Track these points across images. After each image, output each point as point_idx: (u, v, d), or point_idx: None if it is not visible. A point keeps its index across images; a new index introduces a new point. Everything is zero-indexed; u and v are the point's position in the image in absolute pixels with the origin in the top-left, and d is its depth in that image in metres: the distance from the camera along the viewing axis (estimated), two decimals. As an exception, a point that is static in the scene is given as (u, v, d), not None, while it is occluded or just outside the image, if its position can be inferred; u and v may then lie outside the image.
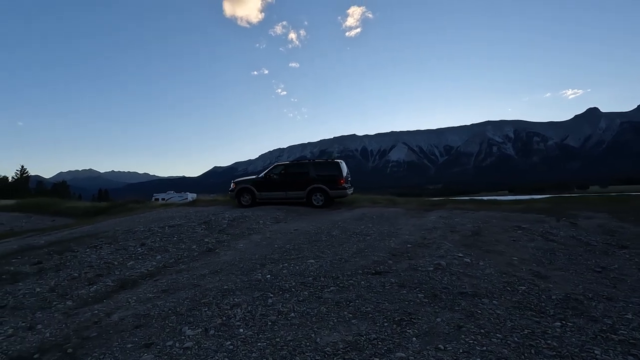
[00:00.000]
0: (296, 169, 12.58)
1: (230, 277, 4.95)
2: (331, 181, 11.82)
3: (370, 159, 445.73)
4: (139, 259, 6.39)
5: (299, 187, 12.00)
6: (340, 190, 11.87)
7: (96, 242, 7.80)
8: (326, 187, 11.74)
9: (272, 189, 12.26)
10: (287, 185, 12.17)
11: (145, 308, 4.07)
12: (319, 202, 11.81)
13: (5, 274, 5.90)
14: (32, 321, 4.03)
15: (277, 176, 12.44)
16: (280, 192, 12.18)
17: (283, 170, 12.59)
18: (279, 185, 12.23)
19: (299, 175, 12.21)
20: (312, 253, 5.91)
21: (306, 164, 12.55)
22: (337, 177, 11.87)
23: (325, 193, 11.76)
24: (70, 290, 4.98)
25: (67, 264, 6.24)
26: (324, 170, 12.11)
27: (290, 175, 12.36)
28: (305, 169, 12.27)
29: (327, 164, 12.42)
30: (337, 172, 11.97)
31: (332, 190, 11.80)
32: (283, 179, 12.30)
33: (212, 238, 7.60)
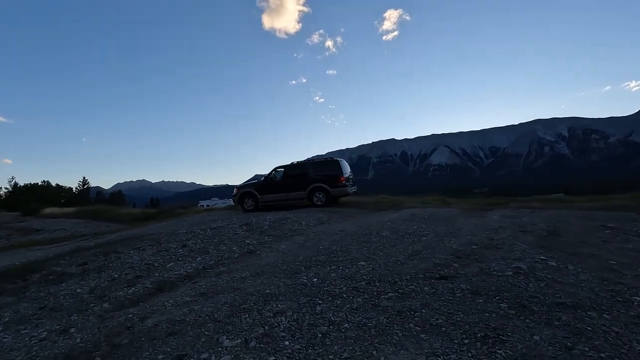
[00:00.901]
0: (296, 170, 12.45)
1: (273, 281, 4.44)
2: (331, 180, 11.75)
3: (410, 163, 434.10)
4: (179, 260, 6.12)
5: (299, 188, 11.98)
6: (340, 188, 11.73)
7: (140, 244, 7.74)
8: (326, 186, 11.69)
9: (274, 192, 12.26)
10: (288, 186, 12.15)
11: (181, 313, 3.66)
12: (320, 202, 11.73)
13: (53, 274, 5.89)
14: (66, 324, 3.78)
15: (277, 179, 12.45)
16: (282, 193, 12.17)
17: (283, 173, 12.54)
18: (280, 187, 12.23)
19: (299, 176, 12.17)
20: (362, 255, 5.26)
21: (306, 164, 12.49)
22: (337, 176, 11.78)
23: (325, 192, 11.70)
24: (108, 291, 4.76)
25: (110, 265, 6.12)
26: (323, 170, 12.04)
27: (290, 177, 12.34)
28: (305, 170, 12.22)
29: (327, 163, 12.33)
30: (336, 171, 11.87)
31: (332, 189, 11.70)
32: (284, 181, 12.31)
33: (253, 239, 7.21)
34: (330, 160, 12.39)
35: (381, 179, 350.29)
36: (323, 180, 11.80)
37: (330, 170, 11.96)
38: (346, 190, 11.89)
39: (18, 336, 3.58)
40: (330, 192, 11.72)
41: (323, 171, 12.01)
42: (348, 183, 12.10)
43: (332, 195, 11.82)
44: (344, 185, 11.76)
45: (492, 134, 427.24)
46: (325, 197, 11.73)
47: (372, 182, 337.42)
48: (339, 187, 11.74)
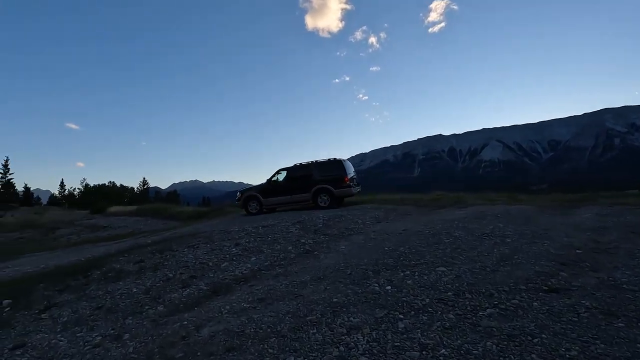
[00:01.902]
0: (300, 172, 12.25)
1: (339, 287, 3.88)
2: (335, 180, 11.54)
3: (460, 159, 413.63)
4: (233, 260, 5.80)
5: (303, 190, 11.81)
6: (345, 189, 11.52)
7: (194, 241, 7.60)
8: (331, 187, 11.48)
9: (278, 194, 12.15)
10: (292, 189, 12.01)
11: (240, 322, 3.22)
12: (325, 203, 11.51)
13: (112, 271, 5.85)
14: (120, 329, 3.52)
15: (281, 181, 12.31)
16: (286, 196, 12.05)
17: (287, 175, 12.38)
18: (284, 189, 12.10)
19: (303, 178, 11.99)
20: (439, 259, 4.51)
21: (309, 165, 12.22)
22: (342, 176, 11.55)
23: (330, 193, 11.51)
24: (163, 293, 4.50)
25: (165, 263, 5.96)
26: (327, 170, 11.82)
27: (294, 179, 12.15)
28: (309, 171, 12.03)
29: (330, 163, 12.02)
30: (340, 171, 11.64)
31: (336, 190, 11.49)
32: (287, 183, 12.15)
33: (309, 239, 6.73)
34: (333, 161, 12.06)
35: (428, 176, 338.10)
36: (327, 181, 11.60)
37: (334, 171, 11.73)
38: (351, 190, 11.68)
39: (73, 340, 3.37)
40: (334, 193, 11.51)
41: (327, 172, 11.79)
42: (352, 183, 11.90)
43: (336, 196, 11.62)
44: (348, 186, 11.54)
45: (551, 126, 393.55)
46: (330, 199, 11.53)
47: (418, 179, 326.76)
48: (343, 187, 11.51)
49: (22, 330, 3.81)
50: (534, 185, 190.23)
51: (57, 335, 3.54)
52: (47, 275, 6.45)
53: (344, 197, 12.27)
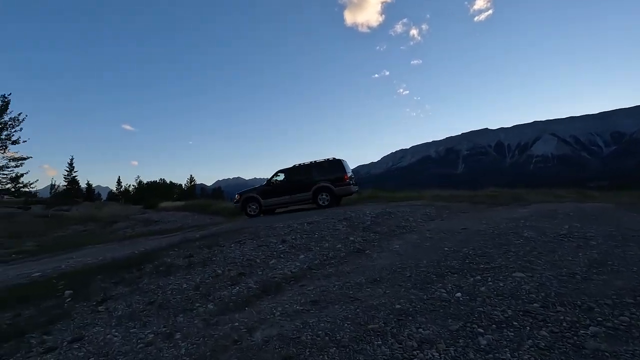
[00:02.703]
0: (299, 172, 12.40)
1: (399, 291, 3.50)
2: (335, 179, 11.68)
3: (508, 154, 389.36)
4: (280, 257, 5.60)
5: (303, 189, 11.90)
6: (345, 187, 11.65)
7: (240, 237, 7.56)
8: (331, 186, 11.59)
9: (277, 195, 12.23)
10: (291, 189, 12.09)
11: (294, 327, 2.96)
12: (325, 202, 11.61)
13: (163, 265, 5.91)
14: (172, 326, 3.41)
15: (280, 182, 12.40)
16: (285, 196, 12.13)
17: (286, 176, 12.51)
18: (284, 190, 12.17)
19: (303, 178, 12.10)
20: (513, 262, 3.97)
21: (309, 165, 12.40)
22: (341, 175, 11.70)
23: (330, 191, 11.61)
24: (213, 290, 4.39)
25: (214, 258, 5.91)
26: (327, 170, 11.98)
27: (293, 180, 12.25)
28: (308, 171, 12.19)
29: (330, 163, 12.20)
30: (340, 171, 11.80)
31: (337, 188, 11.61)
32: (287, 184, 12.24)
33: (358, 236, 6.38)
34: (333, 160, 12.24)
35: (473, 172, 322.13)
36: (327, 180, 11.74)
37: (333, 170, 11.91)
38: (350, 189, 11.84)
39: (127, 336, 3.32)
40: (335, 191, 11.64)
41: (326, 171, 11.97)
42: (352, 182, 12.04)
43: (336, 194, 11.75)
44: (348, 184, 11.69)
45: (614, 118, 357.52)
46: (330, 197, 11.64)
47: (463, 176, 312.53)
48: (343, 186, 11.65)
49: (80, 322, 3.85)
50: (593, 182, 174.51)
51: (112, 330, 3.51)
52: (105, 267, 6.69)
53: (343, 196, 12.42)
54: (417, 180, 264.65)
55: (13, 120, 22.02)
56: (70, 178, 37.51)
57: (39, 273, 6.87)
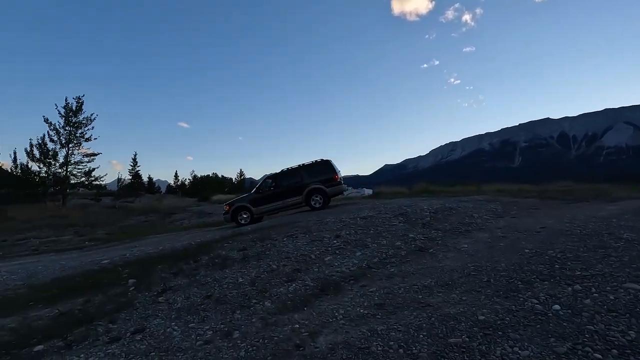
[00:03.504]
0: (289, 176, 12.33)
1: (479, 298, 3.05)
2: (326, 180, 11.68)
3: (573, 146, 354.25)
4: (336, 253, 5.34)
5: (295, 193, 11.80)
6: (336, 186, 11.74)
7: (292, 231, 7.43)
8: (323, 187, 11.56)
9: (268, 201, 12.03)
10: (282, 194, 11.97)
11: (361, 334, 2.65)
12: (318, 204, 11.55)
13: (218, 258, 5.93)
14: (230, 324, 3.28)
15: (270, 188, 12.29)
16: (277, 202, 11.95)
17: (275, 181, 12.41)
18: (275, 196, 12.03)
19: (293, 182, 11.99)
20: (619, 270, 3.30)
21: (298, 168, 12.36)
22: (331, 175, 11.71)
23: (323, 192, 11.57)
24: (269, 286, 4.23)
25: (267, 252, 5.80)
26: (317, 171, 11.94)
27: (284, 184, 12.14)
28: (299, 174, 12.12)
29: (319, 164, 12.19)
30: (330, 171, 11.82)
31: (329, 189, 11.62)
32: (277, 189, 12.12)
33: (417, 233, 5.91)
34: (322, 162, 12.24)
35: (532, 166, 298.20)
36: (318, 181, 11.70)
37: (323, 171, 11.90)
38: (342, 188, 12.04)
39: (186, 331, 3.24)
40: (327, 192, 11.64)
41: (316, 173, 11.92)
42: (342, 181, 12.12)
43: (328, 195, 11.75)
44: (339, 184, 11.80)
45: None
46: (323, 199, 11.61)
47: (520, 170, 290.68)
48: (334, 186, 11.71)
49: (142, 312, 3.89)
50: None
51: (172, 323, 3.47)
52: (164, 257, 6.92)
53: (335, 196, 12.42)
54: (469, 175, 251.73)
55: (86, 120, 24.14)
56: (134, 172, 40.60)
57: (107, 260, 7.30)
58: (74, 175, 24.16)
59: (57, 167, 23.38)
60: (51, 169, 23.24)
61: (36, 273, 6.79)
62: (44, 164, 22.97)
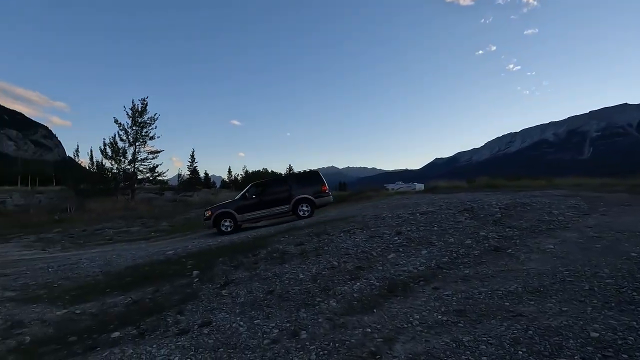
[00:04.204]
0: (277, 185, 12.44)
1: (584, 310, 2.58)
2: (315, 191, 11.72)
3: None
4: (399, 251, 5.01)
5: (283, 202, 11.69)
6: (325, 197, 11.85)
7: (348, 226, 7.22)
8: (311, 197, 11.59)
9: (255, 209, 11.73)
10: (270, 202, 11.78)
11: (445, 345, 2.35)
12: (306, 213, 11.43)
13: (276, 252, 5.90)
14: (296, 322, 3.14)
15: (256, 195, 12.06)
16: (264, 210, 11.69)
17: (262, 189, 12.28)
18: (261, 203, 11.79)
19: (281, 190, 11.96)
20: None
21: (286, 177, 12.88)
22: (320, 186, 11.81)
23: (311, 202, 11.58)
24: (332, 284, 4.05)
25: (325, 248, 5.64)
26: (305, 181, 12.05)
27: (271, 192, 12.05)
28: (287, 183, 12.21)
29: (308, 174, 12.54)
30: (319, 181, 11.96)
31: (317, 199, 11.68)
32: (264, 197, 11.92)
33: (490, 232, 5.37)
34: (311, 172, 12.62)
35: (605, 157, 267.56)
36: (306, 192, 11.69)
37: (312, 182, 11.99)
38: (330, 199, 12.15)
39: (252, 327, 3.16)
40: (316, 202, 11.64)
41: (305, 183, 11.97)
42: (329, 192, 12.22)
43: (317, 205, 11.74)
44: (327, 195, 11.91)
45: None
46: (311, 208, 11.54)
47: (591, 162, 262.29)
48: (322, 196, 11.77)
49: (207, 305, 3.92)
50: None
51: (237, 318, 3.43)
52: (223, 249, 7.08)
53: (323, 206, 12.33)
54: (531, 168, 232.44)
55: (150, 120, 25.97)
56: (192, 168, 43.07)
57: (172, 251, 7.65)
58: (140, 171, 26.17)
59: (126, 163, 25.46)
60: (121, 166, 25.36)
61: (111, 261, 7.31)
62: (115, 161, 25.12)
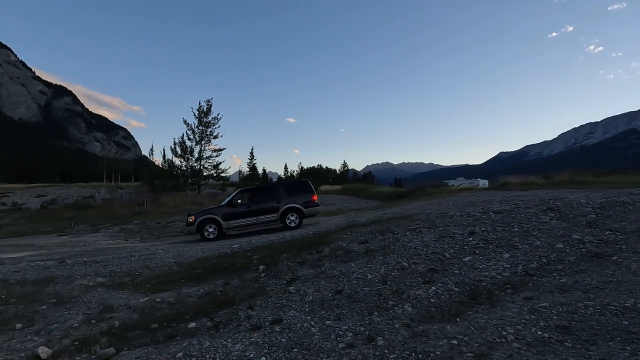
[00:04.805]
0: (265, 192, 12.18)
1: None
2: (304, 200, 11.46)
3: None
4: (476, 253, 4.58)
5: (271, 211, 11.40)
6: (314, 207, 11.68)
7: (412, 224, 6.86)
8: (300, 206, 11.32)
9: (241, 217, 11.38)
10: (257, 210, 11.45)
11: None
12: (294, 223, 11.21)
13: (339, 250, 5.78)
14: (370, 326, 2.97)
15: (243, 202, 11.68)
16: (251, 217, 11.36)
17: (250, 196, 12.01)
18: (248, 211, 11.43)
19: (270, 199, 11.62)
20: None
21: (276, 185, 12.45)
22: (310, 196, 11.59)
23: (299, 212, 11.35)
24: (404, 286, 3.80)
25: (391, 247, 5.38)
26: (295, 190, 11.75)
27: (259, 200, 11.73)
28: (275, 191, 11.88)
29: (297, 183, 12.48)
30: (308, 191, 11.71)
31: (306, 209, 11.43)
32: (252, 204, 11.60)
33: (585, 234, 4.68)
34: (301, 181, 12.52)
35: None
36: (296, 201, 11.41)
37: (302, 191, 11.73)
38: (318, 209, 12.02)
39: (324, 328, 3.05)
40: (304, 212, 11.40)
41: (295, 192, 11.68)
42: (319, 202, 12.11)
43: (305, 215, 11.50)
44: (316, 205, 11.77)
45: None
46: (299, 218, 11.29)
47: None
48: (312, 206, 11.57)
49: (276, 301, 3.91)
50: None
51: (307, 317, 3.35)
52: (285, 244, 7.15)
53: (311, 216, 12.04)
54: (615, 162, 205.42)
55: (214, 120, 27.54)
56: (251, 165, 44.98)
57: (237, 245, 7.93)
58: (205, 168, 27.91)
59: (193, 161, 27.32)
60: (189, 163, 27.28)
61: (183, 253, 7.79)
62: (184, 159, 27.08)
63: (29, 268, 6.74)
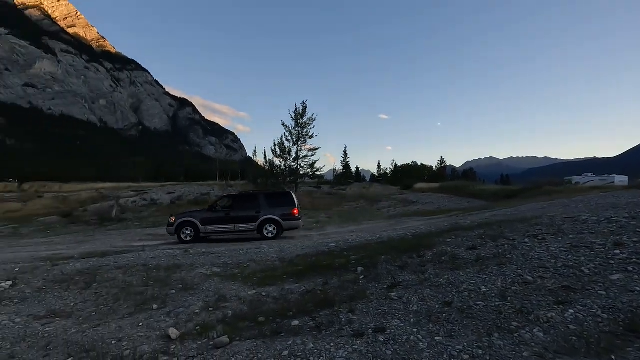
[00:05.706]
0: (246, 201, 11.99)
1: None
2: (284, 212, 11.43)
3: None
4: (628, 271, 3.64)
5: (249, 220, 11.40)
6: (293, 221, 11.52)
7: (532, 230, 5.92)
8: (279, 219, 11.33)
9: (219, 222, 11.43)
10: (236, 218, 11.44)
11: None
12: (271, 234, 11.28)
13: (444, 255, 5.31)
14: (491, 351, 2.55)
15: (224, 208, 11.70)
16: (229, 224, 11.40)
17: (231, 203, 11.91)
18: (227, 218, 11.45)
19: (250, 207, 11.59)
20: None
21: (257, 194, 12.23)
22: (290, 209, 11.51)
23: (277, 224, 11.35)
24: (529, 304, 3.22)
25: (508, 256, 4.70)
26: (275, 201, 11.69)
27: (239, 208, 11.65)
28: (256, 200, 11.74)
29: (279, 195, 12.39)
30: (290, 203, 11.63)
31: (285, 222, 11.41)
32: (231, 212, 11.55)
33: None
34: (283, 192, 12.55)
35: None
36: (275, 212, 11.41)
37: (283, 202, 11.66)
38: (299, 223, 11.73)
39: (434, 345, 2.76)
40: (283, 225, 11.40)
41: (276, 203, 11.65)
42: (300, 216, 11.76)
43: (284, 228, 11.48)
44: (296, 218, 11.54)
45: None
46: (277, 230, 11.34)
47: None
48: (291, 220, 11.44)
49: (378, 307, 3.75)
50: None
51: (413, 329, 3.10)
52: (383, 245, 6.91)
53: (290, 229, 11.89)
54: None
55: (309, 120, 28.71)
56: (345, 163, 45.71)
57: (334, 244, 8.01)
58: (302, 167, 29.32)
59: (291, 161, 28.96)
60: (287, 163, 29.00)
61: (284, 249, 8.20)
62: (283, 159, 28.90)
63: (162, 255, 7.92)
